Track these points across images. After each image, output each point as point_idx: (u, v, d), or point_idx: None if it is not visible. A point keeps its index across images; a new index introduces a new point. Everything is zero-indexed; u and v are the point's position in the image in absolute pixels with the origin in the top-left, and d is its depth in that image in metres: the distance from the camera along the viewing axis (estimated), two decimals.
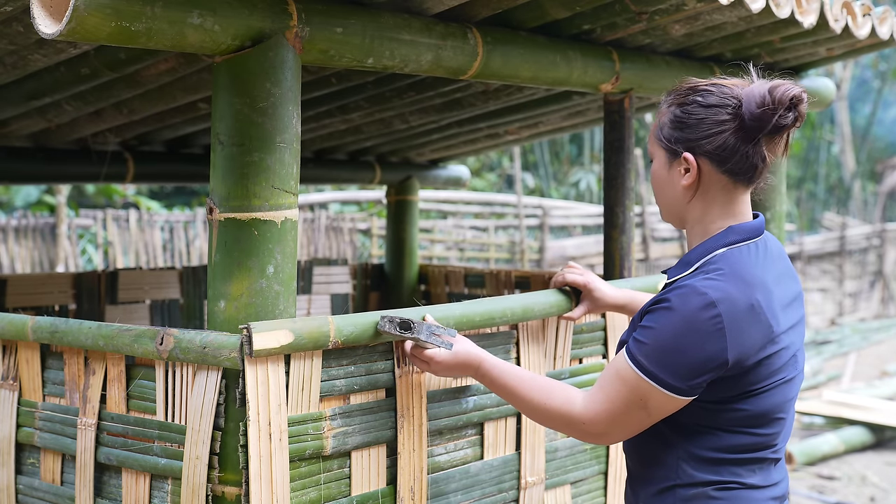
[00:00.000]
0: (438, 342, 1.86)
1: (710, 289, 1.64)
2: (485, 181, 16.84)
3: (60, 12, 1.54)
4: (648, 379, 1.65)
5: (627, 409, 1.69)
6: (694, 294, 1.64)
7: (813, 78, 3.33)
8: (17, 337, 2.12)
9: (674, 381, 1.64)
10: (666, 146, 1.77)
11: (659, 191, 1.82)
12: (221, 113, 1.78)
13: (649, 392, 1.66)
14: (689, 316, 1.63)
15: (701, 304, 1.63)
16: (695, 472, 1.70)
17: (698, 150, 1.73)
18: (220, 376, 1.75)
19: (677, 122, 1.75)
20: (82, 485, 1.99)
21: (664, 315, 1.66)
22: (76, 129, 3.28)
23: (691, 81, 1.79)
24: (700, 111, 1.73)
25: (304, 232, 10.56)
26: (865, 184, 22.87)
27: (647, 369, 1.65)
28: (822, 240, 15.57)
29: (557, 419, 1.78)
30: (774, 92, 1.69)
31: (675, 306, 1.65)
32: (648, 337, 1.66)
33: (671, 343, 1.64)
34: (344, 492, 1.88)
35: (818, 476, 5.93)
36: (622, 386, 1.69)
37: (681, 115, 1.75)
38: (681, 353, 1.63)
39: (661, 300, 1.68)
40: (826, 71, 17.73)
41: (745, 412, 1.68)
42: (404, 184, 4.44)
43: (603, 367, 2.48)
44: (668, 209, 1.83)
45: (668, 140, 1.76)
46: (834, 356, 10.41)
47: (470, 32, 2.19)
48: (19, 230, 9.39)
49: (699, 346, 1.62)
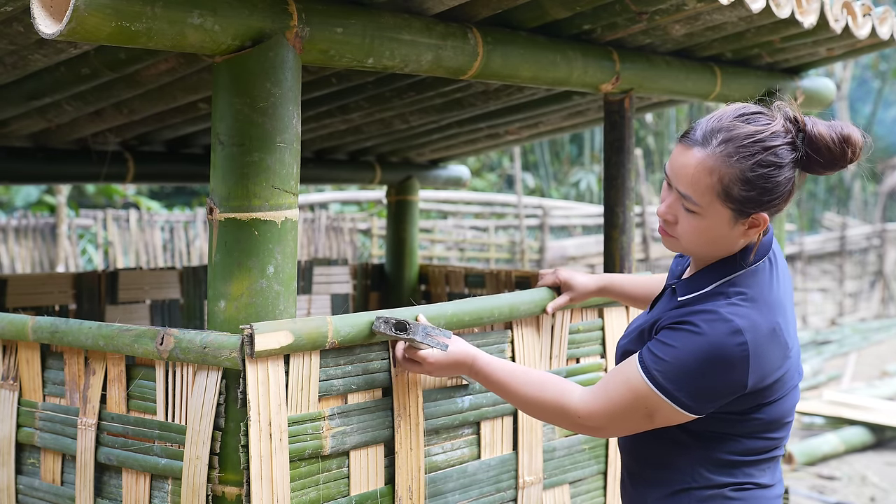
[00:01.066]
0: (433, 343, 1.86)
1: (737, 316, 1.62)
2: (485, 181, 16.84)
3: (60, 12, 1.54)
4: (661, 394, 1.64)
5: (629, 413, 1.69)
6: (721, 321, 1.62)
7: (813, 78, 3.32)
8: (17, 337, 2.12)
9: (688, 401, 1.64)
10: (736, 209, 1.63)
11: (705, 240, 1.69)
12: (222, 113, 1.78)
13: (658, 404, 1.65)
14: (715, 343, 1.61)
15: (728, 332, 1.61)
16: (711, 475, 1.71)
17: (772, 207, 1.65)
18: (221, 376, 1.75)
19: (751, 184, 1.61)
20: (82, 485, 1.99)
21: (689, 338, 1.63)
22: (76, 129, 3.28)
23: (750, 124, 1.62)
24: (775, 172, 1.61)
25: (305, 232, 10.57)
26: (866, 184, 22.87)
27: (662, 385, 1.64)
28: (822, 240, 15.57)
29: (551, 411, 1.78)
30: (851, 140, 1.65)
31: (702, 331, 1.62)
32: (668, 354, 1.64)
33: (693, 366, 1.62)
34: (343, 491, 1.88)
35: (818, 476, 5.93)
36: (629, 393, 1.68)
37: (754, 177, 1.60)
38: (702, 377, 1.62)
39: (686, 322, 1.65)
40: (826, 71, 17.73)
41: (761, 420, 1.70)
42: (404, 184, 4.44)
43: (600, 366, 2.49)
44: (707, 249, 1.71)
45: (742, 203, 1.62)
46: (834, 356, 10.41)
47: (470, 32, 2.19)
48: (19, 230, 9.39)
49: (722, 374, 1.62)
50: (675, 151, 1.69)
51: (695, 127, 1.67)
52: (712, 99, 2.95)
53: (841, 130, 1.64)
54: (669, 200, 1.70)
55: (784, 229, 3.20)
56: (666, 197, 1.71)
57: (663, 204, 1.71)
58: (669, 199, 1.70)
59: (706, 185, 1.62)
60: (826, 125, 1.65)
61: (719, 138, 1.61)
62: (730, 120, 1.63)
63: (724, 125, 1.62)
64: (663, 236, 1.75)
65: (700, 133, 1.64)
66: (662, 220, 1.73)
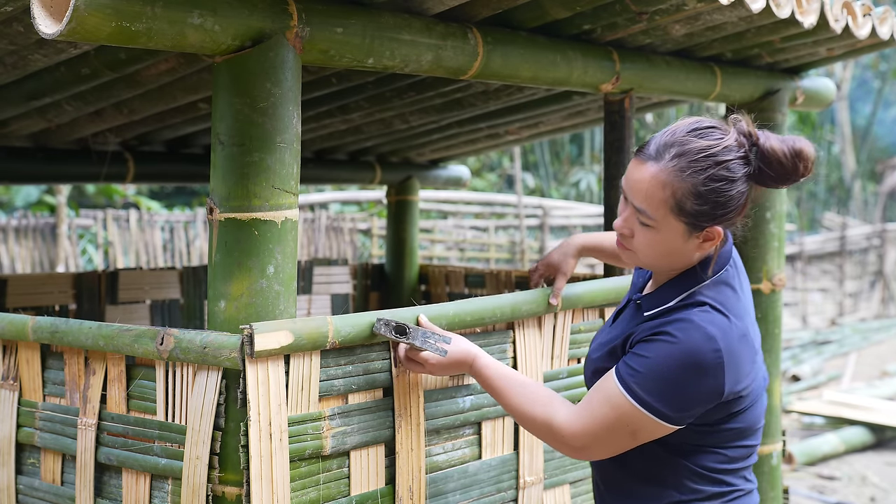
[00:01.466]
0: (433, 348, 1.86)
1: (710, 323, 1.65)
2: (485, 181, 16.84)
3: (60, 12, 1.54)
4: (641, 408, 1.65)
5: (612, 431, 1.69)
6: (695, 329, 1.64)
7: (813, 78, 3.32)
8: (17, 337, 2.12)
9: (669, 412, 1.65)
10: (689, 222, 1.66)
11: (661, 253, 1.71)
12: (222, 113, 1.78)
13: (640, 420, 1.66)
14: (691, 350, 1.63)
15: (703, 338, 1.63)
16: (698, 486, 1.73)
17: (725, 220, 1.68)
18: (221, 376, 1.75)
19: (703, 198, 1.63)
20: (82, 485, 1.99)
21: (665, 347, 1.64)
22: (76, 129, 3.28)
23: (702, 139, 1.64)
24: (727, 187, 1.64)
25: (305, 232, 10.57)
26: (866, 184, 22.87)
27: (641, 398, 1.65)
28: (822, 240, 15.57)
29: (539, 426, 1.78)
30: (803, 155, 1.66)
31: (677, 340, 1.64)
32: (645, 366, 1.65)
33: (672, 375, 1.63)
34: (343, 491, 1.88)
35: (818, 476, 5.93)
36: (611, 410, 1.68)
37: (706, 191, 1.63)
38: (681, 385, 1.63)
39: (660, 332, 1.66)
40: (826, 71, 17.73)
41: (736, 429, 1.73)
42: (404, 184, 4.44)
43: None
44: (663, 262, 1.74)
45: (696, 217, 1.65)
46: (834, 356, 10.41)
47: (470, 32, 2.19)
48: (19, 230, 9.39)
49: (700, 381, 1.63)
50: (630, 166, 1.71)
51: (649, 142, 1.69)
52: (712, 99, 2.95)
53: (793, 145, 1.66)
54: (625, 214, 1.72)
55: (784, 229, 3.20)
56: (622, 211, 1.74)
57: (620, 218, 1.74)
58: (625, 213, 1.72)
59: (660, 199, 1.64)
60: (779, 139, 1.67)
61: (672, 153, 1.64)
62: (683, 135, 1.65)
63: (677, 140, 1.65)
64: (621, 250, 1.78)
65: (654, 148, 1.66)
66: (619, 234, 1.75)
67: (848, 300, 15.18)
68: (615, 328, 1.84)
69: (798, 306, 14.29)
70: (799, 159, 1.66)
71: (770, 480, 3.14)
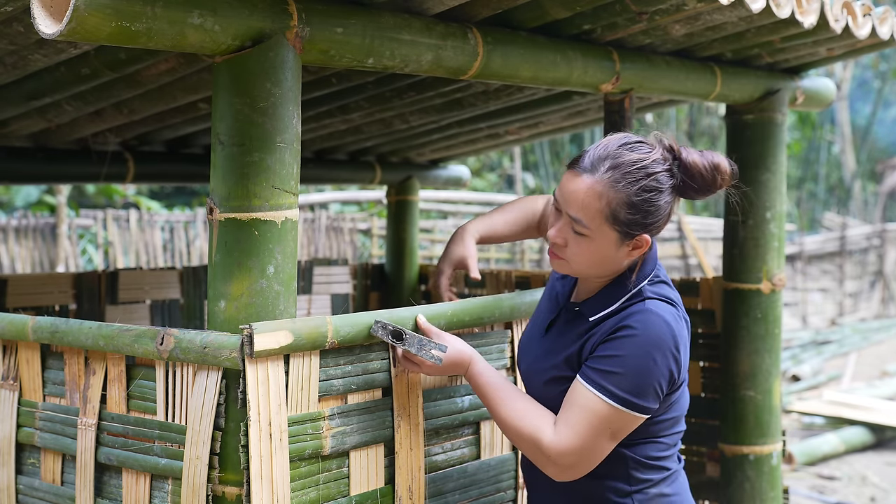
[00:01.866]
0: (427, 356, 1.86)
1: (661, 310, 1.77)
2: (485, 181, 16.84)
3: (60, 12, 1.54)
4: (622, 406, 1.73)
5: (597, 439, 1.75)
6: (654, 316, 1.75)
7: (813, 78, 3.32)
8: (17, 337, 2.12)
9: (644, 403, 1.74)
10: (622, 231, 1.76)
11: (594, 261, 1.80)
12: (222, 113, 1.78)
13: (620, 419, 1.74)
14: (654, 337, 1.74)
15: (661, 324, 1.75)
16: (644, 475, 1.84)
17: (653, 229, 1.79)
18: (221, 376, 1.75)
19: (635, 208, 1.74)
20: (82, 485, 1.99)
21: (630, 341, 1.74)
22: (76, 129, 3.28)
23: (633, 152, 1.75)
24: (656, 197, 1.76)
25: (305, 232, 10.57)
26: (866, 184, 22.87)
27: (620, 397, 1.72)
28: (822, 240, 15.58)
29: (526, 442, 1.81)
30: (721, 168, 1.79)
31: (639, 331, 1.74)
32: (616, 365, 1.73)
33: (642, 365, 1.73)
34: (343, 491, 1.88)
35: (818, 476, 5.93)
36: (593, 418, 1.74)
37: (638, 202, 1.74)
38: (652, 373, 1.73)
39: (621, 328, 1.76)
40: (826, 71, 17.73)
41: (672, 418, 1.85)
42: (404, 184, 4.44)
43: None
44: (595, 270, 1.83)
45: (627, 226, 1.76)
46: (834, 356, 10.42)
47: (470, 32, 2.19)
48: (19, 230, 9.40)
49: (664, 364, 1.74)
50: (564, 178, 1.80)
51: (583, 155, 1.78)
52: (712, 99, 2.95)
53: (712, 159, 1.80)
54: (559, 225, 1.81)
55: (784, 229, 3.20)
56: (555, 222, 1.82)
57: (553, 229, 1.82)
58: (559, 224, 1.81)
59: (596, 209, 1.74)
60: (698, 153, 1.80)
61: (606, 165, 1.74)
62: (615, 148, 1.76)
63: (610, 153, 1.75)
64: (552, 259, 1.86)
65: (589, 161, 1.76)
66: (552, 244, 1.83)
67: (848, 300, 15.19)
68: (558, 337, 1.90)
69: (798, 306, 14.30)
70: (717, 172, 1.79)
71: (770, 480, 3.14)
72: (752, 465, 3.13)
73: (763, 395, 3.13)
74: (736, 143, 3.17)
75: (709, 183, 1.80)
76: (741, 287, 3.12)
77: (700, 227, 14.07)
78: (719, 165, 1.79)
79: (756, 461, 3.13)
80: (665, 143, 1.80)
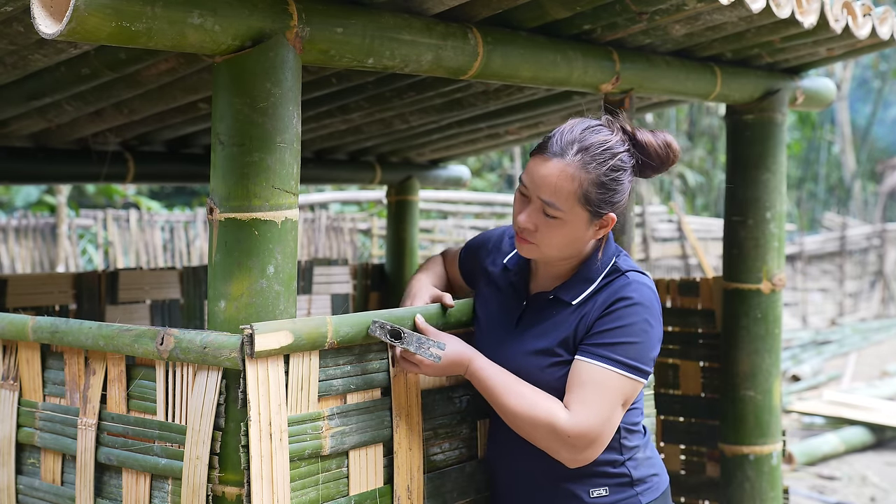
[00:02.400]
0: (426, 354, 1.86)
1: (644, 280, 1.90)
2: (485, 181, 16.84)
3: (60, 12, 1.54)
4: (631, 374, 1.82)
5: (612, 413, 1.82)
6: (642, 285, 1.88)
7: (813, 78, 3.32)
8: (17, 337, 2.12)
9: (647, 368, 1.87)
10: (592, 210, 1.84)
11: (565, 242, 1.87)
12: (222, 113, 1.78)
13: (631, 387, 1.84)
14: (648, 303, 1.86)
15: (649, 289, 1.88)
16: (631, 442, 1.95)
17: (619, 207, 1.87)
18: (221, 376, 1.75)
19: (605, 187, 1.83)
20: (82, 485, 2.00)
21: (632, 310, 1.84)
22: (76, 129, 3.28)
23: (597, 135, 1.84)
24: (622, 176, 1.85)
25: (305, 232, 10.57)
26: (866, 184, 22.87)
27: (630, 366, 1.82)
28: (822, 240, 15.58)
29: (541, 429, 1.83)
30: (672, 146, 1.90)
31: (637, 300, 1.85)
32: (621, 335, 1.82)
33: (643, 331, 1.84)
34: (342, 491, 1.88)
35: (818, 476, 5.93)
36: (607, 392, 1.81)
37: (607, 181, 1.83)
38: (650, 338, 1.86)
39: (619, 300, 1.85)
40: (826, 71, 17.73)
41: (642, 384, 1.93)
42: (405, 184, 4.44)
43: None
44: (565, 251, 1.90)
45: (597, 205, 1.84)
46: (834, 356, 10.42)
47: (470, 32, 2.19)
48: (20, 230, 9.39)
49: (658, 328, 1.88)
50: (533, 164, 1.86)
51: (549, 141, 1.86)
52: (712, 99, 2.95)
53: (664, 137, 1.91)
54: (529, 210, 1.86)
55: (784, 229, 3.20)
56: (522, 208, 1.87)
57: (523, 214, 1.87)
58: (528, 209, 1.86)
59: (568, 190, 1.81)
60: (650, 133, 1.90)
61: (575, 148, 1.82)
62: (580, 132, 1.85)
63: (576, 137, 1.84)
64: (521, 244, 1.90)
65: (557, 146, 1.84)
66: (521, 230, 1.87)
67: (848, 300, 15.19)
68: (535, 326, 1.94)
69: (798, 306, 14.30)
70: (670, 149, 1.90)
71: (770, 480, 3.14)
72: (752, 465, 3.13)
73: (763, 395, 3.13)
74: (736, 143, 3.17)
75: (663, 160, 1.90)
76: (741, 287, 3.12)
77: (700, 227, 14.08)
78: (671, 144, 1.90)
79: (756, 461, 3.13)
80: (618, 125, 1.90)
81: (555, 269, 1.95)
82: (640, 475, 1.96)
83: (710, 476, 3.33)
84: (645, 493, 1.96)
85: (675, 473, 3.42)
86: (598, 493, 1.92)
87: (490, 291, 2.09)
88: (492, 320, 2.05)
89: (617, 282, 1.88)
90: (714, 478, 3.31)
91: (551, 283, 1.97)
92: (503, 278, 2.07)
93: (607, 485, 1.92)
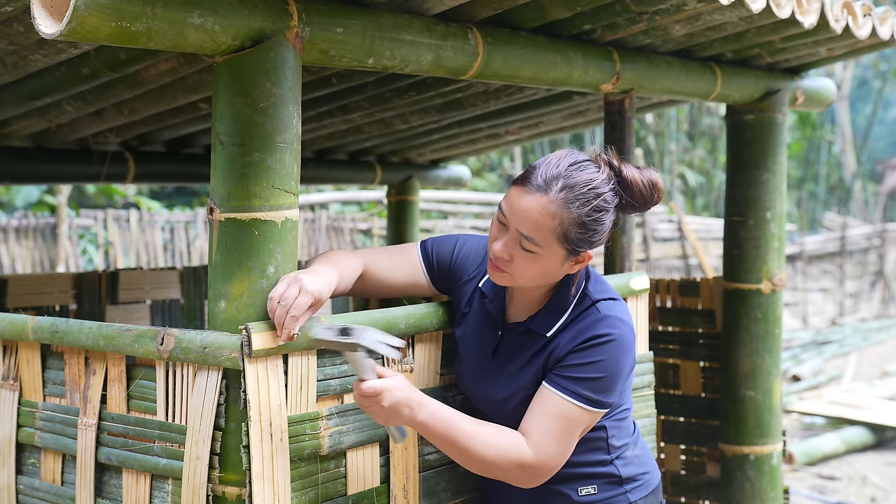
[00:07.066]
0: (384, 348, 1.71)
1: (619, 310, 1.87)
2: (485, 181, 16.84)
3: (61, 12, 1.54)
4: (594, 408, 1.83)
5: (572, 442, 1.85)
6: (617, 321, 1.85)
7: (813, 78, 3.32)
8: (17, 337, 2.12)
9: (610, 400, 1.86)
10: (570, 249, 1.80)
11: (538, 275, 1.83)
12: (222, 113, 1.78)
13: (591, 418, 1.85)
14: (623, 339, 1.84)
15: (625, 325, 1.86)
16: (619, 441, 1.97)
17: (597, 245, 1.86)
18: (221, 376, 1.75)
19: (585, 227, 1.79)
20: (83, 485, 2.00)
21: (605, 348, 1.82)
22: (77, 129, 3.28)
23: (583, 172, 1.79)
24: (604, 217, 1.81)
25: (305, 232, 10.57)
26: (866, 184, 22.87)
27: (593, 400, 1.82)
28: (822, 240, 15.57)
29: (509, 467, 1.82)
30: (657, 186, 1.86)
31: (612, 335, 1.83)
32: (592, 371, 1.82)
33: (615, 367, 1.83)
34: (340, 491, 1.88)
35: (819, 476, 5.93)
36: (568, 424, 1.82)
37: (589, 221, 1.78)
38: (620, 373, 1.85)
39: (593, 337, 1.82)
40: (826, 71, 17.73)
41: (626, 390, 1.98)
42: (405, 184, 4.44)
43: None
44: (537, 282, 1.86)
45: (576, 244, 1.80)
46: (835, 356, 10.41)
47: (470, 32, 2.19)
48: (20, 230, 9.39)
49: (630, 361, 1.88)
50: (513, 195, 1.80)
51: (532, 173, 1.80)
52: (712, 99, 2.95)
53: (650, 176, 1.86)
54: (505, 240, 1.81)
55: (784, 229, 3.20)
56: (499, 236, 1.83)
57: (499, 243, 1.82)
58: (505, 239, 1.81)
59: (549, 228, 1.77)
60: (637, 171, 1.85)
61: (559, 185, 1.77)
62: (566, 168, 1.79)
63: (562, 173, 1.78)
64: (495, 272, 1.86)
65: (541, 179, 1.78)
66: (496, 258, 1.83)
67: (848, 300, 15.18)
68: (511, 359, 1.93)
69: (798, 306, 14.29)
70: (654, 189, 1.86)
71: (770, 480, 3.14)
72: (752, 465, 3.13)
73: (763, 395, 3.13)
74: (736, 143, 3.17)
75: (647, 200, 1.86)
76: (741, 287, 3.12)
77: (700, 227, 14.07)
78: (656, 184, 1.86)
79: (756, 461, 3.13)
80: (606, 159, 1.85)
81: (528, 294, 1.92)
82: (629, 473, 1.97)
83: (711, 476, 3.33)
84: (633, 491, 1.98)
85: (676, 473, 3.42)
86: (586, 490, 1.95)
87: (468, 313, 2.03)
88: (469, 345, 2.01)
89: (589, 315, 1.85)
90: (714, 478, 3.31)
91: (525, 310, 1.94)
92: (479, 303, 2.01)
93: (596, 484, 1.95)
